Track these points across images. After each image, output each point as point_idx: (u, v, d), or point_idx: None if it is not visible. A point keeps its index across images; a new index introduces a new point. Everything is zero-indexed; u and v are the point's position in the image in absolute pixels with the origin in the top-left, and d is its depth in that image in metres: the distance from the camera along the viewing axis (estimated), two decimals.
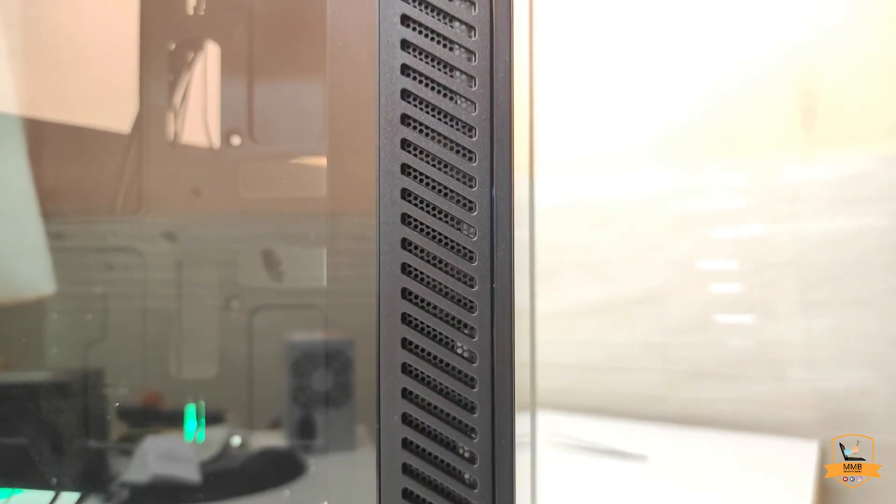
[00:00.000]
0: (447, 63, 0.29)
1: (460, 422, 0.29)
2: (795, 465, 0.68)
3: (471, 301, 0.29)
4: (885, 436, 0.69)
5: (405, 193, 0.29)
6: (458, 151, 0.29)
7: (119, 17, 0.53)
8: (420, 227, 0.29)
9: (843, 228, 0.77)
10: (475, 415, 0.29)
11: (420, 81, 0.29)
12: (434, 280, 0.29)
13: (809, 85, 0.80)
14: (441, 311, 0.29)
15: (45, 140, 0.53)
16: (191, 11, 0.51)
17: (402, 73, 0.29)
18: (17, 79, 0.54)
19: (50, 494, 0.44)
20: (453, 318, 0.29)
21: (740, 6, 0.84)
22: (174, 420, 0.48)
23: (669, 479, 0.66)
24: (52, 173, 0.53)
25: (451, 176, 0.29)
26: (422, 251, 0.29)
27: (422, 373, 0.29)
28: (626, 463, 0.69)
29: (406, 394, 0.29)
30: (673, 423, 0.83)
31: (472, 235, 0.29)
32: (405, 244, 0.29)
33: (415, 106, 0.29)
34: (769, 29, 0.82)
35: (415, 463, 0.29)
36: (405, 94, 0.29)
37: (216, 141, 0.50)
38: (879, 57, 0.78)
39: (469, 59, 0.29)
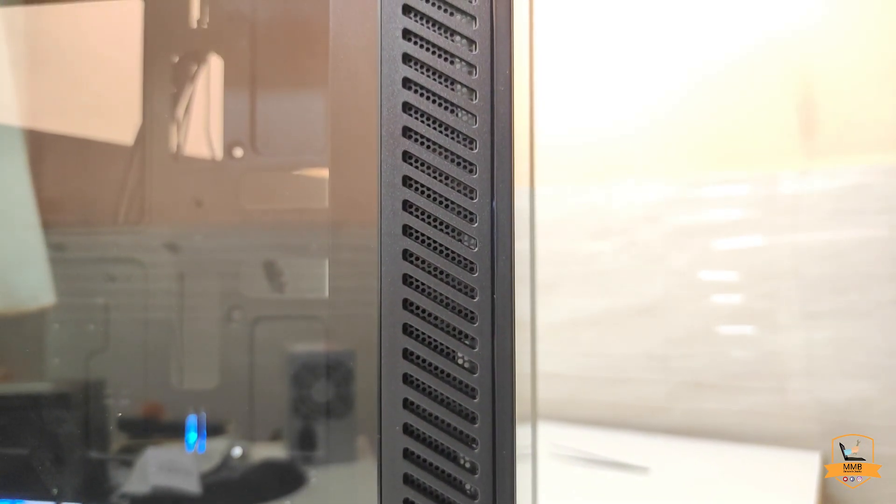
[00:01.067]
0: (448, 76, 0.29)
1: (461, 432, 0.29)
2: (797, 476, 0.68)
3: (472, 312, 0.29)
4: (887, 447, 0.69)
5: (406, 205, 0.30)
6: (459, 164, 0.29)
7: (122, 30, 0.54)
8: (421, 238, 0.30)
9: (843, 240, 0.78)
10: (476, 425, 0.29)
11: (421, 94, 0.30)
12: (435, 291, 0.29)
13: (809, 97, 0.80)
14: (442, 321, 0.29)
15: (48, 151, 0.53)
16: (194, 25, 0.52)
17: (404, 86, 0.30)
18: (21, 90, 0.55)
19: None
20: (454, 329, 0.29)
21: (742, 20, 0.84)
22: (175, 431, 0.48)
23: (671, 491, 0.66)
24: (54, 184, 0.53)
25: (452, 188, 0.29)
26: (423, 262, 0.30)
27: (423, 383, 0.29)
28: (627, 475, 0.69)
29: (407, 404, 0.29)
30: (674, 434, 0.83)
31: (472, 246, 0.29)
32: (406, 255, 0.30)
33: (416, 119, 0.30)
34: (770, 42, 0.83)
35: (416, 473, 0.29)
36: (406, 107, 0.30)
37: (218, 153, 0.51)
38: (879, 69, 0.78)
39: (470, 73, 0.29)
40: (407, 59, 0.30)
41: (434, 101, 0.30)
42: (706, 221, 0.85)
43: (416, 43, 0.30)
